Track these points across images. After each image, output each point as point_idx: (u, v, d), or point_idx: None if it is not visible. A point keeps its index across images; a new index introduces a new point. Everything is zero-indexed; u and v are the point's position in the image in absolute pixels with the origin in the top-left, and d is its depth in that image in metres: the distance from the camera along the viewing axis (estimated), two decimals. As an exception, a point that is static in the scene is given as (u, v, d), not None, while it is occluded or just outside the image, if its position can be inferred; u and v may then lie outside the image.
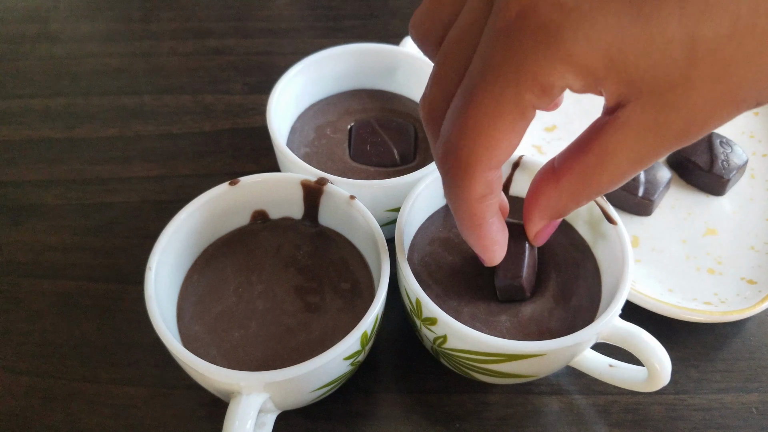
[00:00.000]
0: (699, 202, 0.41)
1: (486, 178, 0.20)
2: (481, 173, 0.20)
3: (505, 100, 0.18)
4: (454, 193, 0.21)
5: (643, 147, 0.18)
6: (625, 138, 0.18)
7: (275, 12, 0.57)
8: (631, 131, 0.18)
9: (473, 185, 0.20)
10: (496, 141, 0.19)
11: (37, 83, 0.51)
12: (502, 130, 0.18)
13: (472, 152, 0.19)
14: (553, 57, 0.17)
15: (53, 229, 0.40)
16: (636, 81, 0.17)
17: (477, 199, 0.21)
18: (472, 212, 0.22)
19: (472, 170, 0.20)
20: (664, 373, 0.28)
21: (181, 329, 0.30)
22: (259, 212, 0.34)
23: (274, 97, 0.37)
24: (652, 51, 0.16)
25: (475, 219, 0.23)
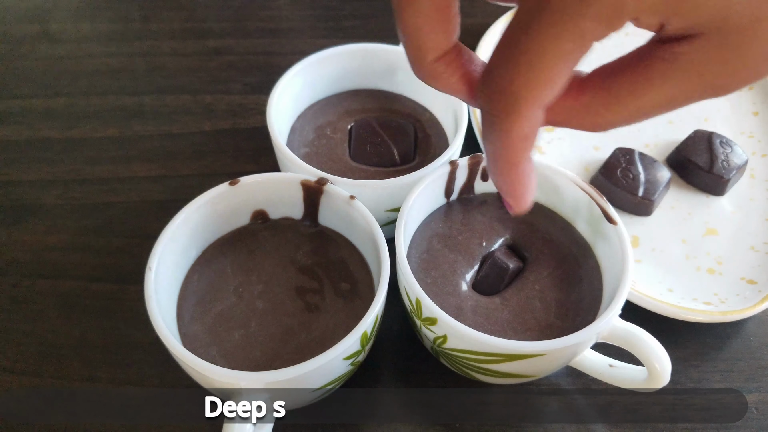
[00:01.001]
0: (699, 202, 0.41)
1: (535, 115, 0.19)
2: (532, 110, 0.19)
3: (567, 31, 0.17)
4: (498, 130, 0.20)
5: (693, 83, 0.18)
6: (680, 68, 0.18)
7: (275, 12, 0.57)
8: (690, 64, 0.17)
9: (520, 123, 0.19)
10: (553, 75, 0.18)
11: (37, 83, 0.51)
12: (560, 63, 0.17)
13: (525, 87, 0.18)
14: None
15: (53, 229, 0.40)
16: (705, 17, 0.16)
17: (521, 138, 0.20)
18: (512, 151, 0.21)
19: (522, 107, 0.18)
20: (664, 373, 0.28)
21: (181, 329, 0.30)
22: (259, 212, 0.34)
23: (274, 97, 0.37)
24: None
25: (514, 158, 0.21)
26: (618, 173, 0.39)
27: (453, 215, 0.34)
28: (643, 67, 0.18)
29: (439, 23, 0.20)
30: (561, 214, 0.34)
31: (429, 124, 0.41)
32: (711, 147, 0.41)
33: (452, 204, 0.35)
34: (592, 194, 0.32)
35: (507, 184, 0.23)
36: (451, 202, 0.35)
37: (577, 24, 0.17)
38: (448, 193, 0.34)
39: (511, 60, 0.18)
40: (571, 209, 0.34)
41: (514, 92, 0.18)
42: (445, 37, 0.21)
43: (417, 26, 0.20)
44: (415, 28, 0.20)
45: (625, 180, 0.39)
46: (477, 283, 0.32)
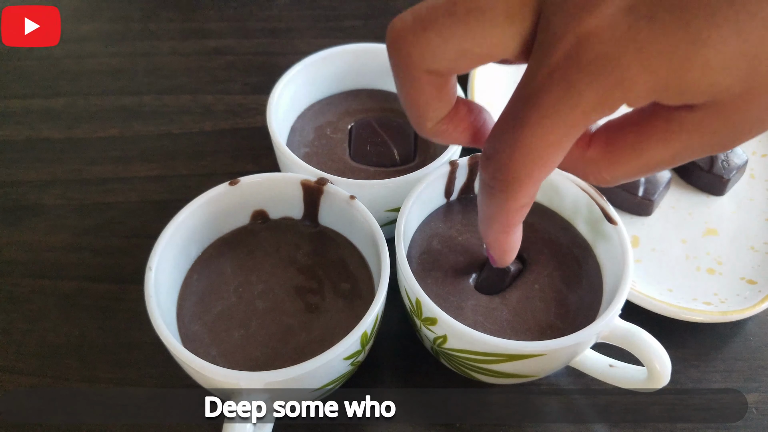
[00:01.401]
0: (699, 202, 0.41)
1: (532, 190, 0.21)
2: (530, 187, 0.20)
3: (558, 123, 0.18)
4: (497, 202, 0.22)
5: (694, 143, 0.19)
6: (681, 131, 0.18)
7: (275, 12, 0.57)
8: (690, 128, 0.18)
9: (519, 197, 0.21)
10: (548, 158, 0.19)
11: (37, 83, 0.51)
12: (554, 149, 0.19)
13: (523, 169, 0.20)
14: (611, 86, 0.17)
15: (53, 229, 0.40)
16: (696, 97, 0.17)
17: (517, 209, 0.22)
18: (507, 220, 0.23)
19: (521, 184, 0.20)
20: (664, 373, 0.28)
21: (181, 329, 0.30)
22: (259, 212, 0.34)
23: (274, 97, 0.37)
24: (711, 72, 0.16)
25: (507, 226, 0.23)
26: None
27: (453, 215, 0.34)
28: (645, 127, 0.19)
29: (437, 97, 0.21)
30: (561, 214, 0.34)
31: (429, 124, 0.40)
32: None
33: (452, 204, 0.35)
34: (592, 194, 0.32)
35: (495, 244, 0.25)
36: (451, 202, 0.35)
37: (570, 116, 0.18)
38: (448, 193, 0.34)
39: (508, 143, 0.19)
40: (571, 209, 0.34)
41: (512, 172, 0.20)
42: (443, 105, 0.22)
43: (416, 100, 0.22)
44: (414, 101, 0.22)
45: (625, 180, 0.39)
46: (478, 284, 0.32)
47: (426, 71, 0.20)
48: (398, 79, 0.22)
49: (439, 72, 0.21)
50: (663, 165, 0.19)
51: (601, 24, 0.17)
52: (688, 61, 0.16)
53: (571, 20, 0.17)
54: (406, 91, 0.21)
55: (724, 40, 0.16)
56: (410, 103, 0.22)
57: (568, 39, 0.18)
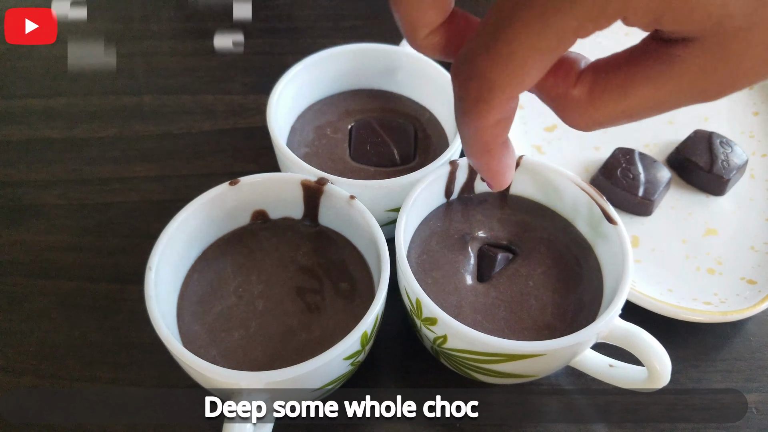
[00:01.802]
0: (699, 202, 0.41)
1: (508, 103, 0.19)
2: (504, 100, 0.19)
3: (550, 28, 0.17)
4: (469, 117, 0.20)
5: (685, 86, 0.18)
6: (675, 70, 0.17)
7: (275, 12, 0.57)
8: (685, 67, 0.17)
9: (492, 111, 0.19)
10: (532, 68, 0.17)
11: (37, 83, 0.51)
12: (540, 57, 0.17)
13: (500, 77, 0.18)
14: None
15: (53, 229, 0.40)
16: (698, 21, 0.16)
17: (493, 124, 0.20)
18: (484, 138, 0.21)
19: (494, 96, 0.18)
20: (664, 373, 0.28)
21: (181, 329, 0.30)
22: (259, 212, 0.34)
23: (274, 97, 0.37)
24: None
25: (486, 144, 0.21)
26: (618, 173, 0.39)
27: (453, 215, 0.34)
28: (637, 66, 0.18)
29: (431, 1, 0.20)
30: (561, 214, 0.34)
31: (429, 124, 0.41)
32: (711, 147, 0.41)
33: (452, 204, 0.35)
34: (592, 194, 0.32)
35: (483, 166, 0.23)
36: (451, 201, 0.35)
37: (562, 21, 0.16)
38: (448, 193, 0.34)
39: (490, 48, 0.18)
40: (571, 209, 0.34)
41: (489, 80, 0.18)
42: (437, 12, 0.20)
43: (408, 4, 0.20)
44: (406, 5, 0.20)
45: (625, 180, 0.39)
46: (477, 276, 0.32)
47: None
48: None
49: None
50: (648, 110, 0.18)
51: None
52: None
53: None
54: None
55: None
56: (400, 6, 0.20)
57: None
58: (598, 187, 0.39)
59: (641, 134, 0.44)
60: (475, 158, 0.22)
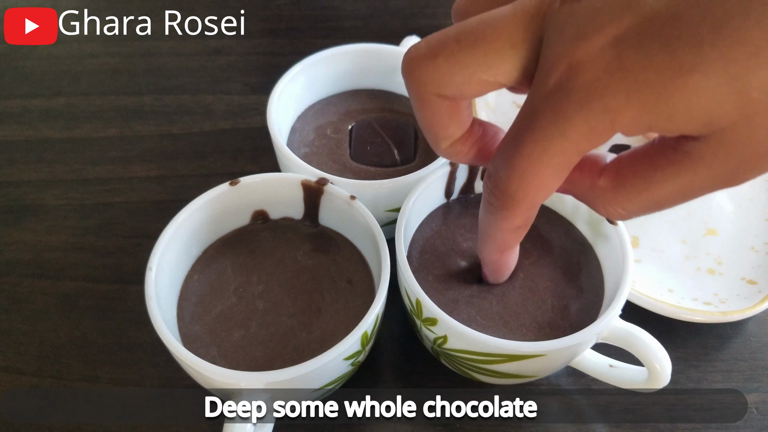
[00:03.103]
0: (699, 202, 0.41)
1: (528, 212, 0.22)
2: (525, 209, 0.21)
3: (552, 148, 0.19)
4: (494, 220, 0.23)
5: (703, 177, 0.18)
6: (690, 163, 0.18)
7: (275, 12, 0.57)
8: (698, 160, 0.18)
9: (514, 218, 0.22)
10: (544, 182, 0.20)
11: (37, 83, 0.51)
12: (549, 172, 0.20)
13: (520, 189, 0.20)
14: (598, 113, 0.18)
15: (53, 229, 0.40)
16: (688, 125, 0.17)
17: (513, 229, 0.23)
18: (503, 240, 0.24)
19: (517, 205, 0.21)
20: (664, 373, 0.28)
21: (182, 329, 0.30)
22: (259, 212, 0.34)
23: (274, 97, 0.37)
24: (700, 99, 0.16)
25: (503, 246, 0.25)
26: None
27: (453, 215, 0.34)
28: (654, 158, 0.19)
29: (450, 120, 0.22)
30: (561, 214, 0.34)
31: (429, 124, 0.41)
32: None
33: (452, 204, 0.35)
34: (592, 194, 0.32)
35: (490, 264, 0.27)
36: (451, 202, 0.35)
37: (561, 142, 0.19)
38: (449, 193, 0.34)
39: (507, 165, 0.20)
40: (571, 209, 0.34)
41: (510, 193, 0.21)
42: (456, 127, 0.23)
43: (432, 123, 0.23)
44: (430, 124, 0.23)
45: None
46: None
47: (437, 95, 0.21)
48: (414, 102, 0.22)
49: (449, 96, 0.21)
50: (674, 199, 0.19)
51: (592, 53, 0.17)
52: (674, 87, 0.16)
53: (566, 49, 0.18)
54: (422, 114, 0.22)
55: (711, 66, 0.16)
56: (426, 124, 0.23)
57: (561, 66, 0.18)
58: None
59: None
60: (487, 253, 0.26)
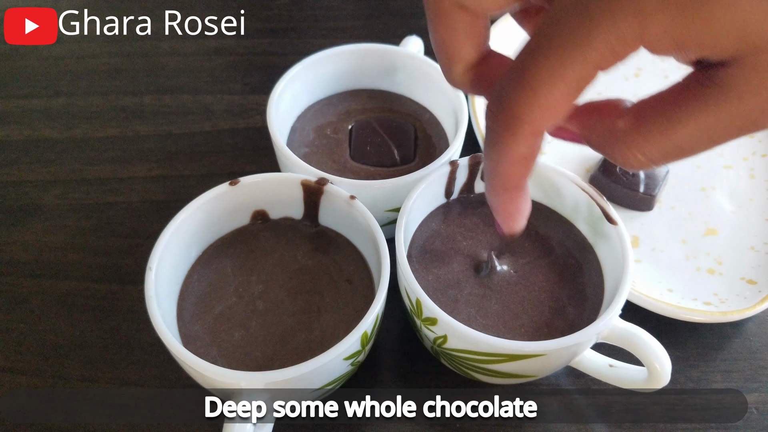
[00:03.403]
0: (699, 202, 0.41)
1: (533, 138, 0.19)
2: (530, 132, 0.19)
3: (571, 60, 0.17)
4: (497, 148, 0.20)
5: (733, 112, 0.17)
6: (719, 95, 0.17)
7: (275, 12, 0.57)
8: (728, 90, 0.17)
9: (519, 143, 0.19)
10: (555, 101, 0.18)
11: (37, 83, 0.51)
12: (562, 90, 0.18)
13: (527, 108, 0.18)
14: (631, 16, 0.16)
15: (53, 229, 0.40)
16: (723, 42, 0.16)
17: (518, 159, 0.20)
18: (509, 172, 0.21)
19: (522, 127, 0.19)
20: (664, 373, 0.28)
21: (181, 329, 0.30)
22: (259, 212, 0.34)
23: (274, 97, 0.37)
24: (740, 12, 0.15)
25: (510, 180, 0.22)
26: (618, 170, 0.39)
27: (453, 215, 0.34)
28: (681, 96, 0.18)
29: (468, 37, 0.21)
30: (561, 214, 0.34)
31: (429, 124, 0.41)
32: None
33: (452, 204, 0.35)
34: (592, 194, 0.32)
35: (501, 205, 0.24)
36: (451, 201, 0.35)
37: (583, 53, 0.17)
38: (448, 193, 0.34)
39: (515, 83, 0.18)
40: (571, 209, 0.34)
41: (515, 114, 0.19)
42: (474, 49, 0.21)
43: (447, 39, 0.21)
44: (444, 40, 0.21)
45: (625, 177, 0.39)
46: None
47: (456, 4, 0.20)
48: (429, 14, 0.21)
49: (469, 7, 0.20)
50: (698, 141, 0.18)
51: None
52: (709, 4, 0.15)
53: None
54: (437, 29, 0.21)
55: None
56: (440, 42, 0.21)
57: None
58: (598, 185, 0.39)
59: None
60: (494, 194, 0.23)
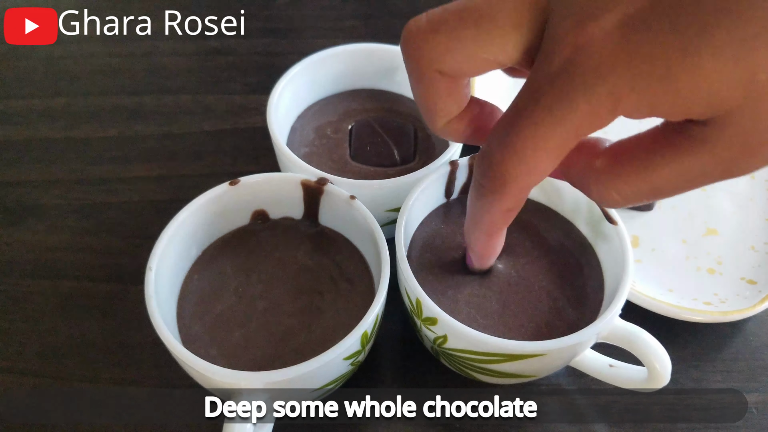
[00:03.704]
0: (699, 202, 0.41)
1: (519, 194, 0.21)
2: (518, 191, 0.21)
3: (553, 130, 0.18)
4: (484, 201, 0.22)
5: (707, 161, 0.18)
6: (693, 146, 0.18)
7: (275, 12, 0.58)
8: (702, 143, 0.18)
9: (505, 200, 0.21)
10: (538, 165, 0.19)
11: (37, 83, 0.51)
12: (546, 155, 0.19)
13: (513, 170, 0.20)
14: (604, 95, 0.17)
15: (53, 229, 0.40)
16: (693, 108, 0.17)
17: (503, 212, 0.22)
18: (493, 222, 0.23)
19: (509, 186, 0.21)
20: (664, 373, 0.28)
21: (182, 329, 0.30)
22: (259, 212, 0.34)
23: (274, 97, 0.37)
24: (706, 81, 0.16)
25: (492, 228, 0.24)
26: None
27: (453, 215, 0.34)
28: (657, 143, 0.19)
29: (448, 97, 0.22)
30: (561, 214, 0.34)
31: (429, 124, 0.41)
32: None
33: (452, 204, 0.35)
34: (592, 194, 0.32)
35: (477, 246, 0.27)
36: (451, 201, 0.35)
37: (562, 124, 0.18)
38: (449, 193, 0.34)
39: (502, 145, 0.20)
40: (571, 209, 0.34)
41: (502, 174, 0.20)
42: (455, 106, 0.23)
43: (428, 99, 0.22)
44: (426, 99, 0.22)
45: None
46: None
47: (437, 71, 0.21)
48: (412, 78, 0.22)
49: (449, 73, 0.21)
50: (672, 185, 0.19)
51: (598, 34, 0.17)
52: (681, 69, 0.16)
53: (572, 30, 0.18)
54: (419, 90, 0.22)
55: (718, 48, 0.15)
56: (423, 101, 0.22)
57: (566, 48, 0.18)
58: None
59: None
60: (474, 237, 0.26)
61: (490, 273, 0.32)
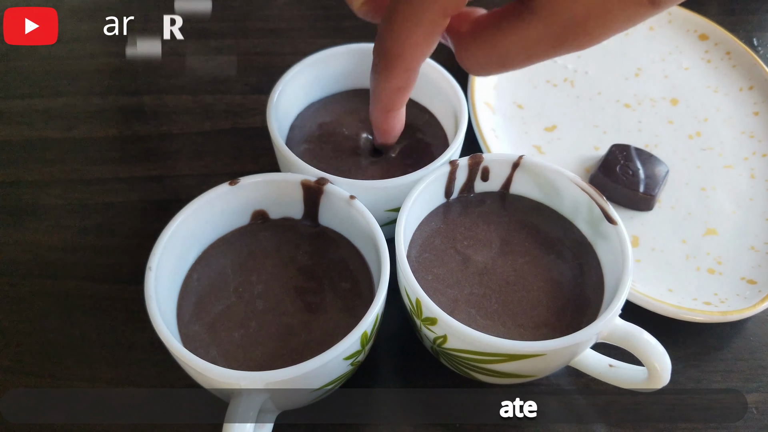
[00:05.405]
0: (699, 202, 0.41)
1: (407, 73, 0.25)
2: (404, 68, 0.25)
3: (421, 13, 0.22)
4: (378, 80, 0.26)
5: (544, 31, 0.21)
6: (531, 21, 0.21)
7: (275, 12, 0.57)
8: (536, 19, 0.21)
9: (394, 78, 0.25)
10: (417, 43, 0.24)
11: (37, 83, 0.51)
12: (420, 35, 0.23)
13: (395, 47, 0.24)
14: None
15: (53, 229, 0.40)
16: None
17: (394, 90, 0.26)
18: (388, 99, 0.28)
19: (394, 65, 0.25)
20: (664, 373, 0.28)
21: (181, 329, 0.30)
22: (259, 212, 0.34)
23: (274, 97, 0.37)
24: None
25: (388, 105, 0.28)
26: (618, 170, 0.39)
27: (453, 215, 0.34)
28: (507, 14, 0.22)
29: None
30: (561, 214, 0.34)
31: (428, 125, 0.41)
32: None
33: (452, 204, 0.35)
34: (592, 194, 0.32)
35: (379, 124, 0.31)
36: (451, 201, 0.35)
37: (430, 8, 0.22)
38: (448, 193, 0.35)
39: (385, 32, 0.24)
40: (571, 209, 0.34)
41: (388, 53, 0.24)
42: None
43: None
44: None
45: (625, 176, 0.39)
46: None
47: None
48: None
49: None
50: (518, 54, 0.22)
51: None
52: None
53: None
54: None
55: None
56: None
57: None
58: (598, 185, 0.39)
59: (641, 134, 0.44)
60: (375, 114, 0.30)
61: (489, 274, 0.32)
